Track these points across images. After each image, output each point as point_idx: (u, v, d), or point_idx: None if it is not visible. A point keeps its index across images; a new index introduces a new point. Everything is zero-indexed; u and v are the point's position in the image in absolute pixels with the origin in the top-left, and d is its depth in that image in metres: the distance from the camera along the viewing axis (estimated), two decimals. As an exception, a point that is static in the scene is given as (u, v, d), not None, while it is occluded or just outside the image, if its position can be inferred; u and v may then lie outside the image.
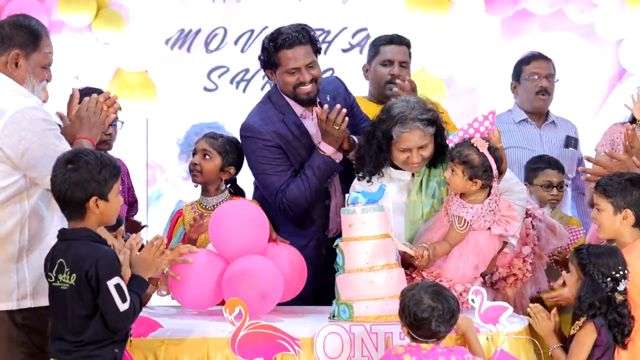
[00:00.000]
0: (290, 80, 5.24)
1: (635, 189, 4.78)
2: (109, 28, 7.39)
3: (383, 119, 5.00)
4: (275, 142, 5.27)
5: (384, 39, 5.99)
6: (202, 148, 5.34)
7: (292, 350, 4.43)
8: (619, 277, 4.47)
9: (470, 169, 4.79)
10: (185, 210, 5.39)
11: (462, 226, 4.82)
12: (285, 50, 5.21)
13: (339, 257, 4.69)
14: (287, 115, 5.32)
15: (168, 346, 4.42)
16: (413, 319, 4.13)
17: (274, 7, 7.87)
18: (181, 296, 4.88)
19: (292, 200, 5.25)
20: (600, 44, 7.80)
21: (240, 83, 7.95)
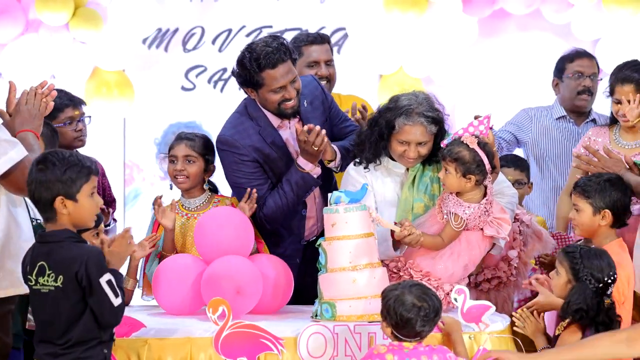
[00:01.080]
0: (276, 98, 5.17)
1: (614, 189, 4.82)
2: (86, 27, 7.34)
3: (390, 107, 5.02)
4: (251, 156, 5.22)
5: (306, 40, 5.92)
6: (184, 154, 5.30)
7: (276, 350, 4.44)
8: (610, 283, 4.48)
9: (462, 166, 4.81)
10: (157, 215, 5.33)
11: (458, 224, 4.83)
12: (269, 70, 5.11)
13: (322, 257, 4.70)
14: (263, 127, 5.27)
15: (151, 346, 4.43)
16: (399, 319, 4.13)
17: (252, 6, 7.85)
18: (164, 302, 4.90)
19: (269, 215, 5.22)
20: (576, 44, 7.82)
21: (217, 82, 7.93)
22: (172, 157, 5.32)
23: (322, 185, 5.36)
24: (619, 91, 5.44)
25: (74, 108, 5.58)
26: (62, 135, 5.56)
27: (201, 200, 5.33)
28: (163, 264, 4.99)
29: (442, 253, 4.89)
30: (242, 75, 5.18)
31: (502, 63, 7.85)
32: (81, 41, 7.43)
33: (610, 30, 7.61)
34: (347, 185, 5.05)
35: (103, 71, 7.56)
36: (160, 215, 5.17)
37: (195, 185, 5.33)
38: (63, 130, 5.56)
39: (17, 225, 4.49)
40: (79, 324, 4.00)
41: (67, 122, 5.54)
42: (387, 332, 4.21)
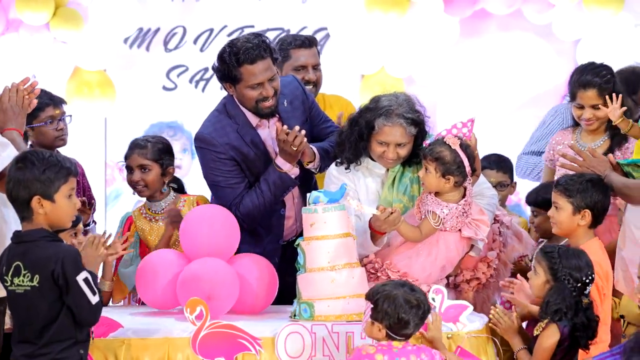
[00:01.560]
0: (253, 94, 5.15)
1: (595, 190, 4.82)
2: (66, 27, 7.33)
3: (370, 107, 5.02)
4: (228, 154, 5.20)
5: (294, 43, 5.86)
6: (138, 164, 5.32)
7: (253, 350, 4.43)
8: (588, 282, 4.49)
9: (442, 166, 4.81)
10: (135, 216, 5.40)
11: (436, 222, 4.83)
12: (247, 65, 5.09)
13: (300, 256, 4.69)
14: (242, 125, 5.25)
15: (128, 346, 4.41)
16: (396, 320, 4.13)
17: (233, 6, 7.85)
18: (147, 295, 4.90)
19: (246, 214, 5.19)
20: (557, 44, 7.86)
21: (199, 82, 7.93)
22: (127, 167, 5.36)
23: (302, 185, 5.35)
24: (582, 96, 5.42)
25: (55, 107, 5.57)
26: (43, 134, 5.55)
27: (166, 202, 5.36)
28: (148, 258, 5.00)
29: (419, 253, 4.89)
30: (221, 70, 5.18)
31: (483, 63, 7.88)
32: (62, 41, 7.42)
33: (591, 30, 7.63)
34: (329, 185, 5.04)
35: (84, 71, 7.55)
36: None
37: (156, 191, 5.37)
38: (44, 129, 5.55)
39: (7, 226, 4.47)
40: (56, 324, 3.99)
41: (48, 121, 5.52)
42: (377, 335, 4.18)
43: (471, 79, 7.85)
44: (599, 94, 5.37)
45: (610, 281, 4.77)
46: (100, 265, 4.33)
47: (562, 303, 4.39)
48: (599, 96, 5.37)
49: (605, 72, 5.44)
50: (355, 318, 4.56)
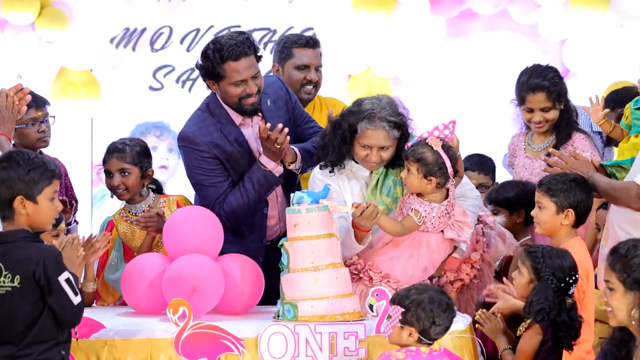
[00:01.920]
0: (236, 91, 5.15)
1: (579, 190, 4.82)
2: (52, 27, 7.32)
3: (352, 111, 5.00)
4: (212, 153, 5.20)
5: (299, 42, 5.87)
6: (118, 168, 5.30)
7: (236, 351, 4.42)
8: (571, 283, 4.49)
9: (424, 167, 4.81)
10: (116, 220, 5.37)
11: (419, 219, 4.82)
12: (231, 62, 5.09)
13: (284, 257, 4.68)
14: (225, 124, 5.24)
15: (111, 347, 4.40)
16: (430, 324, 4.13)
17: (220, 6, 7.85)
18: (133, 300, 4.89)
19: (229, 213, 5.18)
20: (544, 44, 7.87)
21: (186, 82, 7.93)
22: (106, 172, 5.33)
23: (285, 184, 5.35)
24: (531, 100, 5.50)
25: (37, 109, 5.54)
26: (25, 136, 5.53)
27: (147, 203, 5.34)
28: (132, 263, 4.99)
29: (401, 255, 4.89)
30: (204, 67, 5.17)
31: (470, 63, 7.88)
32: (47, 41, 7.40)
33: (577, 30, 7.64)
34: (313, 189, 5.01)
35: (69, 71, 7.54)
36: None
37: (136, 194, 5.36)
38: (26, 131, 5.53)
39: None
40: (38, 325, 3.97)
41: (31, 123, 5.50)
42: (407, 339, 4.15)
43: (458, 79, 7.86)
44: (548, 96, 5.46)
45: (591, 280, 4.77)
46: (80, 266, 4.32)
47: (545, 303, 4.39)
48: (547, 99, 5.46)
49: (552, 75, 5.53)
50: (338, 318, 4.55)
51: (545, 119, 5.51)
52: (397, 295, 4.23)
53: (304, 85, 5.83)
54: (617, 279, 3.90)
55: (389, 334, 4.20)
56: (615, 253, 3.97)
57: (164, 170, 7.89)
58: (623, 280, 3.88)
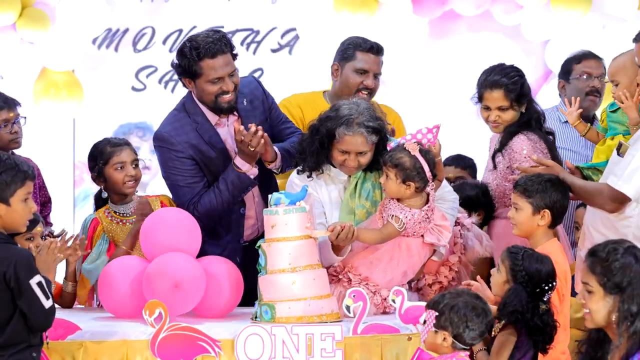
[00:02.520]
0: (213, 89, 5.17)
1: (554, 190, 4.82)
2: (33, 27, 7.29)
3: (330, 116, 5.00)
4: (187, 153, 5.21)
5: (363, 46, 5.85)
6: (132, 159, 5.27)
7: (213, 352, 4.42)
8: (547, 289, 4.49)
9: (402, 172, 4.81)
10: (101, 218, 5.30)
11: (399, 225, 4.83)
12: (208, 59, 5.13)
13: (262, 258, 4.69)
14: (201, 124, 5.26)
15: (87, 349, 4.40)
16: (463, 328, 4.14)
17: (203, 6, 7.83)
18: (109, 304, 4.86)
19: (204, 213, 5.19)
20: (526, 45, 7.88)
21: (168, 83, 7.90)
22: (119, 164, 5.24)
23: (263, 185, 5.36)
24: (488, 97, 5.37)
25: (9, 110, 5.51)
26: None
27: (133, 204, 5.30)
28: (109, 267, 4.94)
29: (381, 258, 4.89)
30: (181, 65, 5.20)
31: (452, 64, 7.87)
32: (29, 41, 7.37)
33: (559, 31, 7.65)
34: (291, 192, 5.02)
35: (51, 72, 7.50)
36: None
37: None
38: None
39: None
40: (9, 327, 3.95)
41: (3, 124, 5.47)
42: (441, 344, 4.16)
43: (440, 80, 7.85)
44: (506, 95, 5.30)
45: (569, 282, 4.78)
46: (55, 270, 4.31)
47: (519, 305, 4.38)
48: (505, 97, 5.30)
49: (514, 74, 5.37)
50: (316, 320, 4.56)
51: (501, 118, 5.35)
52: (432, 300, 4.24)
53: (359, 90, 5.79)
54: (597, 282, 3.90)
55: (425, 339, 4.21)
56: (594, 255, 3.96)
57: (147, 171, 7.83)
58: (603, 284, 3.88)
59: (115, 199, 5.32)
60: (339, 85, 5.87)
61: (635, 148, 4.76)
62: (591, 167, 5.08)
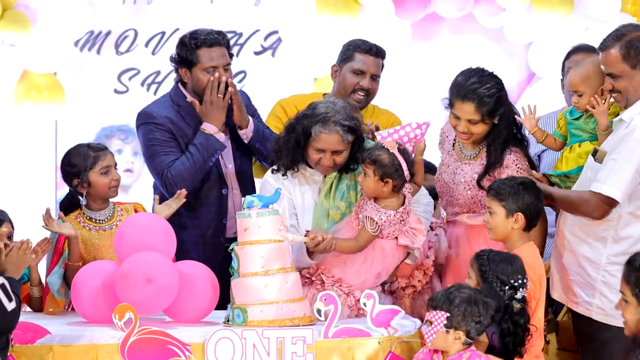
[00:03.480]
0: (207, 78, 5.36)
1: (527, 192, 4.80)
2: (14, 29, 7.27)
3: (307, 114, 5.01)
4: (167, 127, 5.41)
5: (362, 47, 5.87)
6: (114, 162, 5.26)
7: (183, 356, 4.40)
8: (517, 286, 4.49)
9: (380, 168, 4.82)
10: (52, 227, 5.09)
11: (373, 228, 4.82)
12: (205, 48, 5.38)
13: (234, 261, 4.68)
14: (183, 107, 5.46)
15: (56, 353, 4.36)
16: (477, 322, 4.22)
17: (185, 9, 7.81)
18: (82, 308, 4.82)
19: (176, 175, 5.33)
20: (509, 48, 7.87)
21: (151, 85, 7.89)
22: (105, 169, 5.19)
23: (245, 190, 5.44)
24: (459, 108, 4.99)
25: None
26: None
27: (110, 209, 5.26)
28: (81, 271, 4.90)
29: (354, 260, 4.88)
30: (180, 54, 5.43)
31: (435, 66, 7.86)
32: (10, 44, 7.36)
33: (542, 33, 7.64)
34: (264, 192, 5.03)
35: (33, 74, 7.49)
36: (57, 226, 5.06)
37: None
38: None
39: None
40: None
41: None
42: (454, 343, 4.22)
43: (423, 83, 7.84)
44: (477, 109, 4.95)
45: (543, 286, 4.77)
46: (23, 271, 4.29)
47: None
48: (476, 111, 4.96)
49: (490, 86, 5.01)
50: (288, 323, 4.55)
51: (470, 130, 5.01)
52: (438, 301, 4.26)
53: (355, 90, 5.81)
54: (631, 292, 3.89)
55: (432, 339, 4.24)
56: (630, 265, 3.93)
57: (129, 174, 7.86)
58: (636, 294, 3.87)
59: (94, 206, 5.25)
60: (337, 86, 5.91)
61: (617, 152, 4.74)
62: (560, 175, 5.05)
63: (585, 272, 4.87)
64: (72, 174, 5.22)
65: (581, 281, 4.90)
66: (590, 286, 4.87)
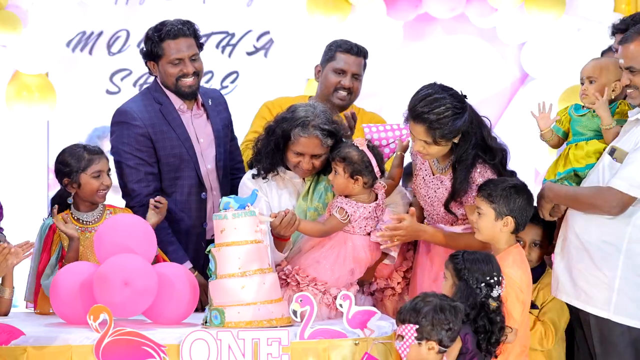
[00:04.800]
0: (173, 71, 5.35)
1: (518, 196, 4.77)
2: (5, 30, 7.26)
3: (286, 117, 5.02)
4: (144, 130, 5.32)
5: (343, 47, 5.91)
6: (107, 168, 5.25)
7: (158, 357, 4.39)
8: (493, 283, 4.48)
9: (350, 165, 4.84)
10: (58, 224, 5.19)
11: (343, 217, 4.83)
12: (169, 40, 5.38)
13: (212, 263, 4.68)
14: (165, 105, 5.41)
15: (30, 354, 4.36)
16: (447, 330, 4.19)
17: (178, 9, 7.80)
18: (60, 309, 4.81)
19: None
20: (502, 48, 7.84)
21: (143, 86, 7.84)
22: (96, 173, 5.19)
23: (224, 190, 5.45)
24: (412, 127, 4.85)
25: None
26: None
27: (98, 211, 5.26)
28: (59, 272, 4.90)
29: (327, 256, 4.88)
30: (145, 48, 5.43)
31: (428, 67, 7.84)
32: (1, 44, 7.36)
33: (535, 34, 7.61)
34: (242, 195, 5.04)
35: (23, 75, 7.48)
36: (64, 226, 5.11)
37: None
38: None
39: None
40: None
41: None
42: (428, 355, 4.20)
43: (416, 83, 7.74)
44: (428, 132, 4.78)
45: (529, 290, 4.72)
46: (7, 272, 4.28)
47: (466, 302, 4.39)
48: (427, 134, 4.79)
49: (443, 110, 4.78)
50: (265, 324, 4.55)
51: (426, 149, 4.85)
52: (405, 314, 4.24)
53: (337, 89, 5.83)
54: None
55: (406, 354, 4.22)
56: None
57: (120, 175, 7.85)
58: None
59: (82, 207, 5.26)
60: (320, 86, 5.94)
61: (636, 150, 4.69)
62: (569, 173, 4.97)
63: (602, 272, 4.78)
64: (64, 172, 5.24)
65: (596, 282, 4.79)
66: (607, 287, 4.77)
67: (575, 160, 5.00)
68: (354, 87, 5.87)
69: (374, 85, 7.69)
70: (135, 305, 4.69)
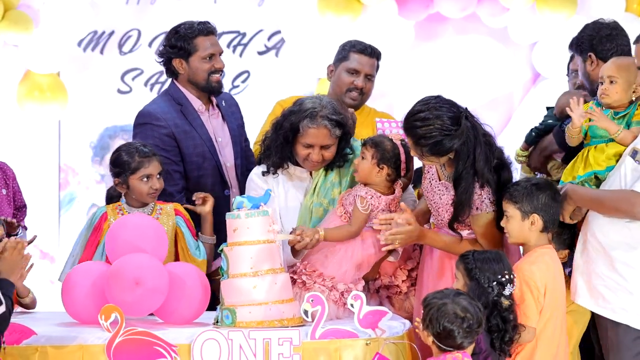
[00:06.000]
0: (206, 66, 5.42)
1: (541, 193, 4.70)
2: (16, 30, 7.29)
3: (294, 110, 5.03)
4: (169, 130, 5.36)
5: (357, 47, 5.92)
6: (158, 171, 5.15)
7: (169, 357, 4.38)
8: (504, 282, 4.47)
9: (380, 152, 4.87)
10: (110, 213, 5.15)
11: (364, 206, 4.84)
12: (203, 37, 5.45)
13: (224, 262, 4.67)
14: (185, 106, 5.45)
15: (42, 354, 4.35)
16: (441, 330, 4.17)
17: (189, 8, 7.82)
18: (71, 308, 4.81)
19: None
20: (514, 48, 7.83)
21: (154, 85, 7.90)
22: (145, 176, 5.11)
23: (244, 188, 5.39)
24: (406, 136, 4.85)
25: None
26: None
27: (149, 208, 5.19)
28: (71, 272, 4.88)
29: (335, 251, 4.88)
30: (176, 45, 5.44)
31: (439, 67, 7.84)
32: (12, 44, 7.38)
33: (546, 33, 7.60)
34: (250, 191, 5.07)
35: (35, 74, 7.51)
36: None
37: None
38: None
39: None
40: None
41: None
42: (427, 340, 4.22)
43: (427, 83, 7.80)
44: (415, 147, 4.76)
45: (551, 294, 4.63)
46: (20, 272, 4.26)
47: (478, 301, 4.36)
48: (415, 149, 4.76)
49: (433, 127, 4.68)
50: (277, 324, 4.53)
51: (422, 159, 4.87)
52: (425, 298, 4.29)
53: (350, 90, 5.85)
54: None
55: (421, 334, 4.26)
56: None
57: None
58: None
59: (134, 203, 5.21)
60: (332, 85, 5.95)
61: None
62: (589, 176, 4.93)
63: (622, 276, 4.73)
64: (115, 172, 5.21)
65: (616, 287, 4.74)
66: (627, 291, 4.72)
67: (595, 163, 4.92)
68: (366, 88, 5.89)
69: (385, 85, 7.68)
70: (147, 304, 4.69)
